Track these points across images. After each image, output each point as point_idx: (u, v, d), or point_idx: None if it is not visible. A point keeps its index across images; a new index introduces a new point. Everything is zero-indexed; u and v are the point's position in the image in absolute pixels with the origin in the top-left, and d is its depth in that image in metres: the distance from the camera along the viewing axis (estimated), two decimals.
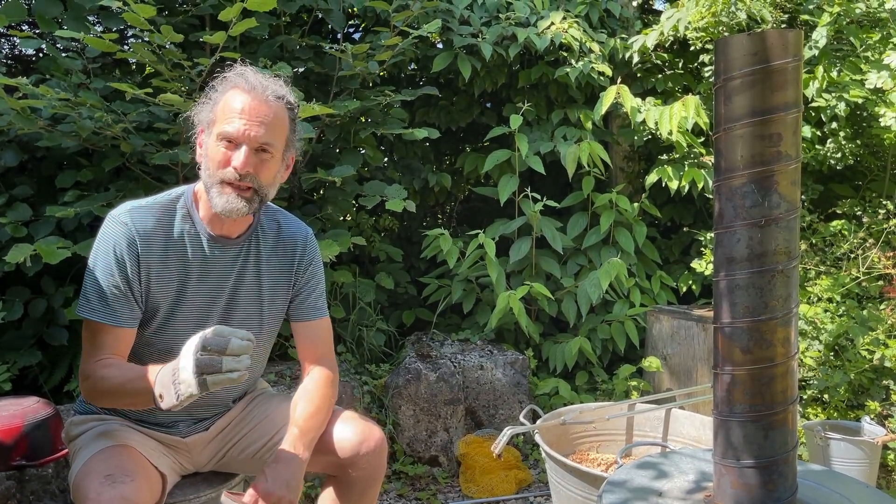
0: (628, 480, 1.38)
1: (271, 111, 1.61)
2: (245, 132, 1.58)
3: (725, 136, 1.21)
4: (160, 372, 1.43)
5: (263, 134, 1.59)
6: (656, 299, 3.77)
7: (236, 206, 1.60)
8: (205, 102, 1.68)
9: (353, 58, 3.13)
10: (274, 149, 1.63)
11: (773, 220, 1.18)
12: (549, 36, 3.68)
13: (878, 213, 3.58)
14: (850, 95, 3.37)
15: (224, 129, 1.58)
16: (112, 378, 1.54)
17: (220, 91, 1.65)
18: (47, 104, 2.55)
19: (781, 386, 1.22)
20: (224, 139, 1.59)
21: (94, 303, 1.60)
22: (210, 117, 1.63)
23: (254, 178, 1.61)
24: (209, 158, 1.62)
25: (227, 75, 1.66)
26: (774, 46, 1.16)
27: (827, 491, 1.33)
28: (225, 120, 1.59)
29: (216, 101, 1.64)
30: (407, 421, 3.10)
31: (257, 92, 1.60)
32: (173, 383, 1.37)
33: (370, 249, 3.90)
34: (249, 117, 1.58)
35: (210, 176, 1.62)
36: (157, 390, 1.42)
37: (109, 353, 1.60)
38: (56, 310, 2.95)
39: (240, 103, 1.59)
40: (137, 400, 1.52)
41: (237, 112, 1.58)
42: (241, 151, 1.58)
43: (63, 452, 2.04)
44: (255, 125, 1.58)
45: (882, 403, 3.09)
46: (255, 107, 1.59)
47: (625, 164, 4.19)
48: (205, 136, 1.66)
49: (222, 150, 1.59)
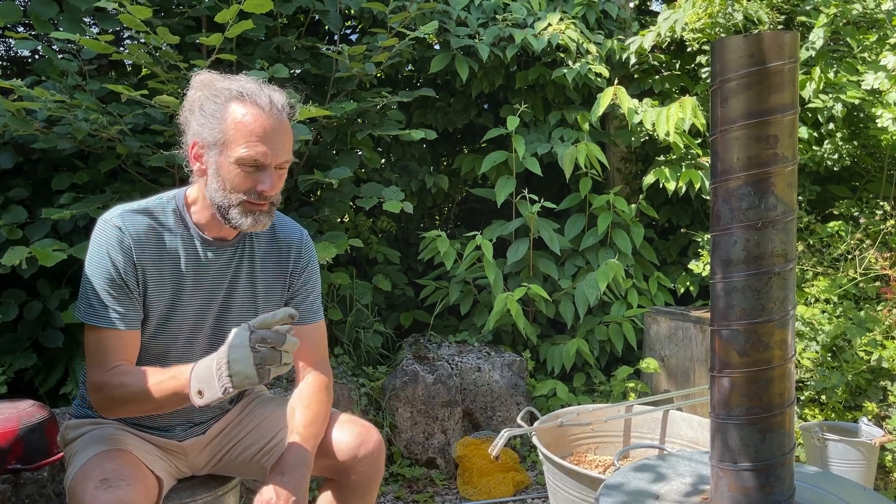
0: (625, 483, 1.37)
1: (287, 130, 1.61)
2: (271, 156, 1.57)
3: (722, 138, 1.21)
4: (195, 369, 1.47)
5: (287, 156, 1.61)
6: (654, 300, 3.77)
7: (264, 222, 1.64)
8: (199, 112, 1.61)
9: (349, 59, 3.13)
10: (289, 163, 1.64)
11: (770, 223, 1.18)
12: (547, 37, 3.68)
13: (875, 213, 3.58)
14: (847, 97, 3.37)
15: (248, 155, 1.55)
16: (132, 385, 1.54)
17: (220, 104, 1.58)
18: (43, 106, 2.54)
19: (779, 388, 1.21)
20: (248, 165, 1.57)
21: (97, 308, 1.59)
22: (219, 137, 1.57)
23: (276, 196, 1.64)
24: (225, 181, 1.59)
25: (217, 85, 1.61)
26: (770, 48, 1.15)
27: (823, 493, 1.33)
28: (244, 144, 1.55)
29: (219, 116, 1.58)
30: (404, 423, 3.09)
31: (271, 110, 1.58)
32: (218, 377, 1.41)
33: (367, 251, 3.89)
34: (274, 141, 1.57)
35: (225, 197, 1.60)
36: (194, 386, 1.44)
37: (119, 360, 1.59)
38: (52, 312, 2.93)
39: (258, 125, 1.56)
40: (166, 402, 1.53)
41: (258, 136, 1.56)
42: (267, 175, 1.58)
43: (59, 456, 2.03)
44: (279, 148, 1.58)
45: (879, 404, 3.09)
46: (274, 127, 1.57)
47: (621, 165, 4.18)
48: (212, 154, 1.60)
49: (245, 175, 1.58)
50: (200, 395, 1.43)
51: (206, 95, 1.61)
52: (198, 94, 1.63)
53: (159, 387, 1.51)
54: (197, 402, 1.44)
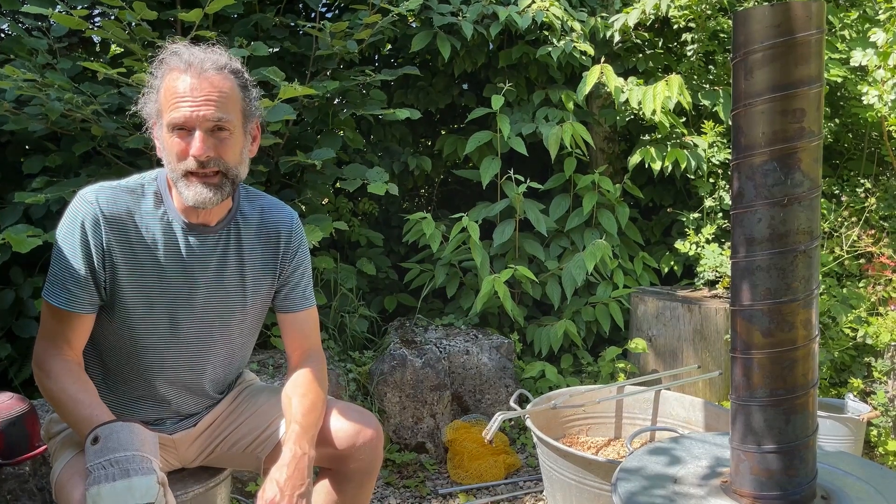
0: (642, 468, 1.34)
1: (216, 85, 1.50)
2: (193, 115, 1.47)
3: (745, 112, 1.17)
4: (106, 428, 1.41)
5: (214, 111, 1.48)
6: (639, 280, 3.76)
7: (206, 196, 1.51)
8: (147, 92, 1.56)
9: (331, 36, 3.04)
10: (230, 124, 1.51)
11: (796, 199, 1.15)
12: (531, 14, 3.62)
13: (856, 191, 3.60)
14: (830, 75, 3.37)
15: (172, 118, 1.47)
16: (66, 393, 1.50)
17: (158, 77, 1.53)
18: (13, 85, 2.42)
19: (803, 369, 1.19)
20: (175, 128, 1.48)
21: (54, 284, 1.54)
22: (156, 108, 1.52)
23: (218, 161, 1.51)
24: (167, 152, 1.52)
25: (162, 57, 1.54)
26: (798, 18, 1.12)
27: (842, 474, 1.31)
28: (170, 107, 1.48)
29: (157, 88, 1.52)
30: (393, 408, 3.04)
31: (195, 68, 1.49)
32: (101, 467, 1.35)
33: (349, 234, 3.82)
34: (193, 98, 1.47)
35: (173, 170, 1.52)
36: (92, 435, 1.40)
37: (66, 343, 1.55)
38: (25, 301, 2.83)
39: (180, 85, 1.48)
40: (70, 421, 1.51)
41: (179, 96, 1.47)
42: (195, 137, 1.48)
43: (41, 449, 1.95)
44: (201, 105, 1.47)
45: (864, 380, 3.13)
46: (197, 85, 1.48)
47: (605, 145, 4.15)
48: (157, 130, 1.55)
49: (177, 141, 1.49)
50: (95, 441, 1.39)
51: (153, 73, 1.55)
52: None
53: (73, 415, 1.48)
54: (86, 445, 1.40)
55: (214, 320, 1.69)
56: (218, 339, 1.71)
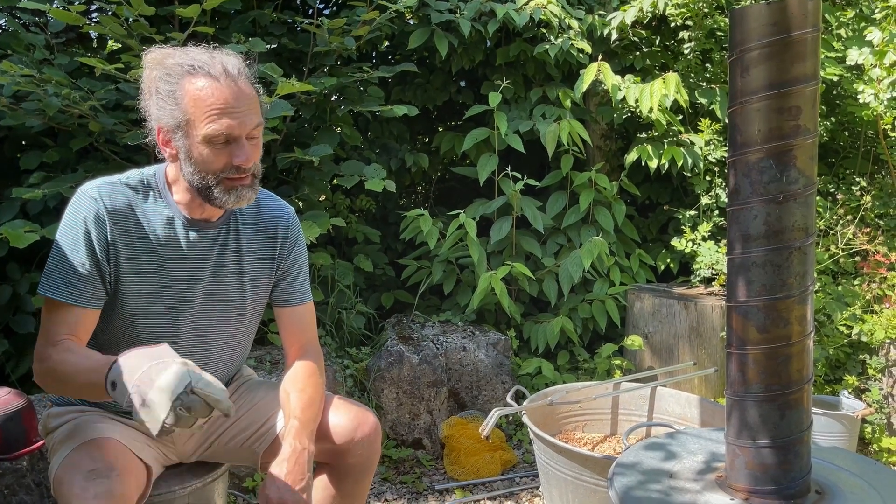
0: (638, 463, 1.35)
1: (247, 92, 1.51)
2: (238, 127, 1.48)
3: (742, 110, 1.18)
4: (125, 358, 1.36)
5: (252, 120, 1.51)
6: (636, 278, 3.77)
7: (249, 196, 1.56)
8: (156, 96, 1.52)
9: (328, 33, 3.04)
10: (260, 128, 1.56)
11: (792, 196, 1.16)
12: (529, 12, 3.62)
13: (851, 189, 3.62)
14: (826, 73, 3.38)
15: (213, 130, 1.47)
16: (67, 363, 1.47)
17: (174, 83, 1.49)
18: (10, 81, 2.42)
19: (798, 365, 1.20)
20: (217, 141, 1.48)
21: (57, 280, 1.53)
22: (181, 118, 1.49)
23: (255, 164, 1.55)
24: (198, 162, 1.51)
25: (169, 62, 1.51)
26: (795, 16, 1.12)
27: (836, 469, 1.33)
28: (207, 120, 1.47)
29: (176, 96, 1.49)
30: (389, 404, 3.05)
31: (226, 78, 1.48)
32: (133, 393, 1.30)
33: (346, 231, 3.82)
34: (235, 110, 1.48)
35: (203, 179, 1.52)
36: (113, 375, 1.35)
37: (68, 335, 1.53)
38: (22, 296, 2.83)
39: (217, 97, 1.47)
40: (85, 391, 1.47)
41: (220, 109, 1.47)
42: (240, 147, 1.50)
43: (38, 444, 1.96)
44: (243, 116, 1.49)
45: (859, 377, 3.14)
46: (234, 94, 1.48)
47: (602, 142, 4.16)
48: (178, 138, 1.51)
49: (217, 151, 1.49)
50: (114, 386, 1.34)
51: (159, 76, 1.52)
52: (152, 74, 1.53)
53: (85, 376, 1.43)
54: (110, 393, 1.36)
55: (214, 315, 1.70)
56: (217, 334, 1.72)
